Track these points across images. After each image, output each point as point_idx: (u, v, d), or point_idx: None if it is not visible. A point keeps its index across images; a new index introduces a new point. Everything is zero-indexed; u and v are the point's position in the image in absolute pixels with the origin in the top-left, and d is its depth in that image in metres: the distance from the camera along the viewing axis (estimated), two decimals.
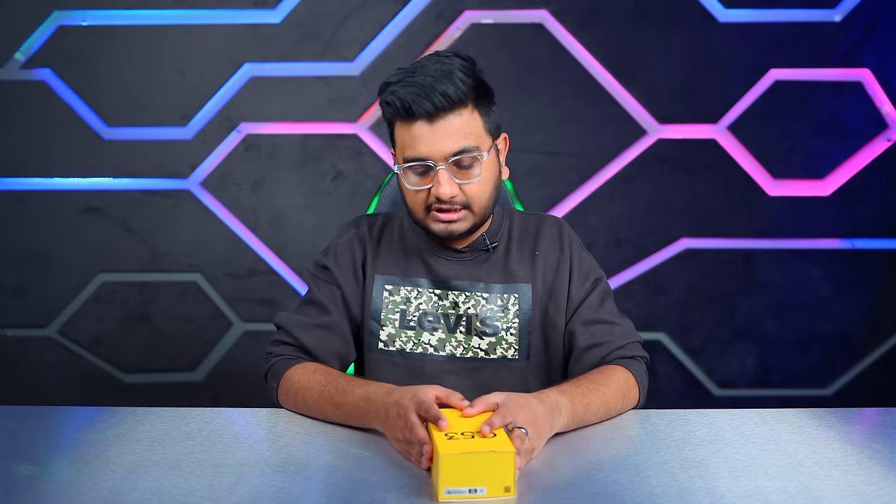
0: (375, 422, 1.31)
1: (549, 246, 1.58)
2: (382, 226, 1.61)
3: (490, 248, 1.55)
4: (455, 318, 1.53)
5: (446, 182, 1.43)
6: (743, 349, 2.96)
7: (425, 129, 1.43)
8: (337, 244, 1.59)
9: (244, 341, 2.95)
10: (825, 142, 2.89)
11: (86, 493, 1.12)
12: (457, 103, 1.42)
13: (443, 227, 1.48)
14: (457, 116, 1.43)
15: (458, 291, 1.54)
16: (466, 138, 1.43)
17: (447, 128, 1.42)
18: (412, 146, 1.44)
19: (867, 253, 2.93)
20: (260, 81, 2.87)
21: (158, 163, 2.89)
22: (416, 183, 1.46)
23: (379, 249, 1.58)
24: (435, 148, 1.42)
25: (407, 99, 1.42)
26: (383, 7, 2.84)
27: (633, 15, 2.85)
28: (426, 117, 1.42)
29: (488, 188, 1.48)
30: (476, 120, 1.46)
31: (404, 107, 1.42)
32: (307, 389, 1.41)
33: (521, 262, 1.56)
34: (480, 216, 1.50)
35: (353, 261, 1.57)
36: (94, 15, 2.83)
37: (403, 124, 1.45)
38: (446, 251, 1.56)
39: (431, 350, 1.53)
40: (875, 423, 1.47)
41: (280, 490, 1.13)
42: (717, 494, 1.11)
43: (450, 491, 1.09)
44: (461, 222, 1.48)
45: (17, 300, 2.93)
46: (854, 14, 2.82)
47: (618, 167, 2.89)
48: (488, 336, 1.53)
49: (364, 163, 2.89)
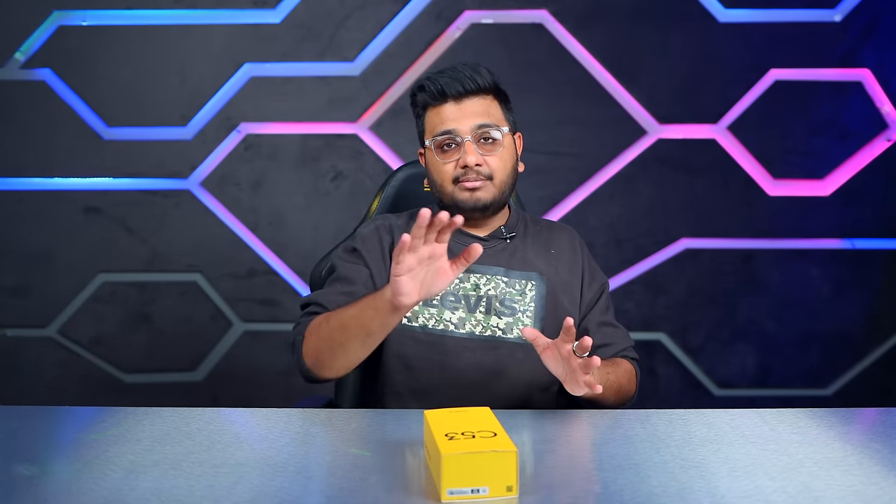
0: (388, 289, 1.34)
1: (563, 248, 1.72)
2: (408, 218, 1.74)
3: (508, 239, 1.68)
4: (475, 299, 1.63)
5: (472, 151, 1.61)
6: (743, 349, 2.96)
7: (454, 108, 1.63)
8: (364, 232, 1.70)
9: (244, 341, 2.95)
10: (825, 142, 2.89)
11: (86, 493, 1.12)
12: (482, 89, 1.64)
13: (468, 195, 1.62)
14: (481, 100, 1.64)
15: (480, 274, 1.64)
16: (489, 117, 1.64)
17: (473, 107, 1.63)
18: (442, 123, 1.63)
19: (867, 253, 2.93)
20: (260, 81, 2.87)
21: (158, 163, 2.89)
22: (444, 157, 1.64)
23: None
24: (462, 123, 1.62)
25: (440, 82, 1.63)
26: (383, 7, 2.84)
27: (633, 15, 2.85)
28: (455, 98, 1.63)
29: (508, 165, 1.65)
30: (497, 108, 1.66)
31: (437, 89, 1.63)
32: (330, 316, 1.49)
33: (537, 255, 1.69)
34: (500, 190, 1.64)
35: (381, 244, 1.67)
36: (94, 15, 2.83)
37: (434, 108, 1.65)
38: (470, 238, 1.67)
39: (452, 327, 1.61)
40: (875, 423, 1.47)
41: (280, 490, 1.13)
42: (717, 494, 1.11)
43: (452, 492, 1.09)
44: (484, 191, 1.62)
45: (17, 300, 2.93)
46: (854, 14, 2.83)
47: (618, 167, 2.89)
48: (506, 316, 1.62)
49: (364, 163, 2.89)
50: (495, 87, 1.67)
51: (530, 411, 1.48)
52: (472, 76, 1.63)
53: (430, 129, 1.66)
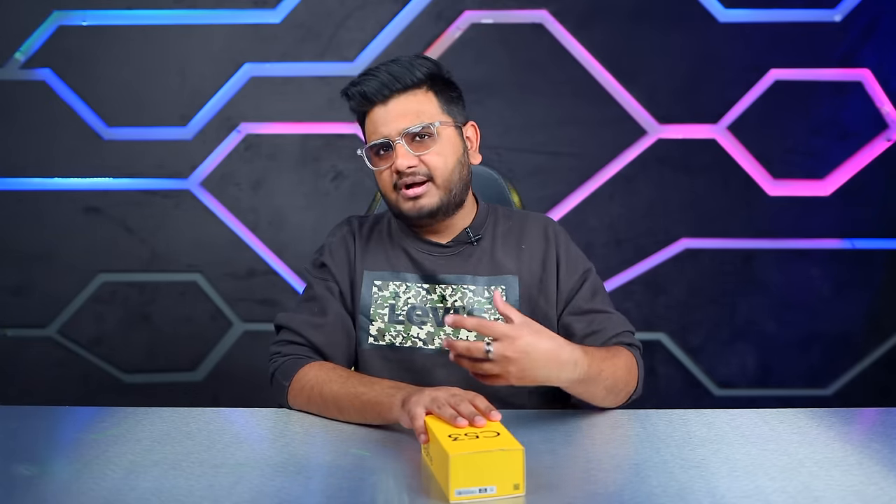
0: (407, 396, 1.28)
1: (534, 240, 1.60)
2: (372, 224, 1.65)
3: (474, 242, 1.58)
4: (443, 312, 1.55)
5: (402, 154, 1.50)
6: (743, 349, 2.96)
7: (381, 111, 1.53)
8: (331, 242, 1.63)
9: (244, 341, 2.95)
10: (825, 142, 2.89)
11: (86, 493, 1.12)
12: (409, 85, 1.52)
13: (411, 204, 1.52)
14: (409, 96, 1.52)
15: (445, 285, 1.56)
16: (420, 117, 1.52)
17: (399, 107, 1.52)
18: (373, 130, 1.54)
19: (867, 253, 2.93)
20: (260, 81, 2.87)
21: (158, 163, 2.89)
22: (380, 164, 1.54)
23: (368, 246, 1.61)
24: (390, 126, 1.51)
25: (363, 84, 1.53)
26: (383, 7, 2.84)
27: (633, 15, 2.85)
28: (381, 100, 1.52)
29: (450, 162, 1.53)
30: (431, 101, 1.54)
31: (359, 92, 1.53)
32: (327, 382, 1.42)
33: (507, 254, 1.58)
34: (445, 189, 1.53)
35: (347, 256, 1.60)
36: (94, 15, 2.83)
37: (367, 115, 1.55)
38: (432, 246, 1.58)
39: (420, 343, 1.54)
40: (875, 423, 1.47)
41: (280, 490, 1.13)
42: (717, 494, 1.11)
43: (460, 492, 1.09)
44: (427, 197, 1.52)
45: (18, 300, 2.93)
46: (854, 14, 2.82)
47: (618, 167, 2.89)
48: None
49: (364, 163, 2.89)
50: (429, 78, 1.54)
51: (530, 411, 1.48)
52: (396, 75, 1.51)
53: (367, 137, 1.56)
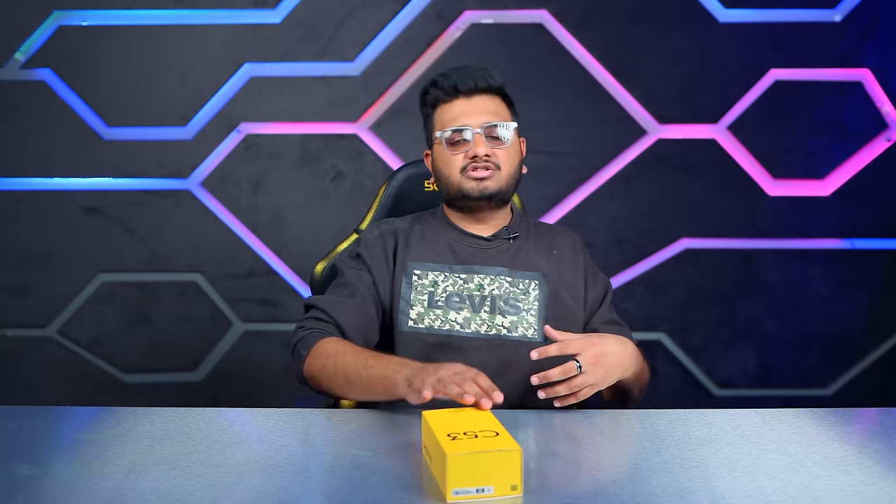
0: (413, 373, 1.38)
1: (564, 250, 1.76)
2: (412, 221, 1.78)
3: (511, 239, 1.72)
4: (480, 299, 1.66)
5: (481, 143, 1.66)
6: (743, 349, 2.96)
7: (465, 103, 1.69)
8: (368, 237, 1.74)
9: (244, 341, 2.95)
10: (825, 142, 2.89)
11: (86, 493, 1.12)
12: (492, 88, 1.70)
13: (475, 184, 1.67)
14: (490, 98, 1.70)
15: (483, 275, 1.68)
16: (498, 116, 1.70)
17: (482, 104, 1.69)
18: (453, 119, 1.69)
19: (867, 253, 2.93)
20: (260, 81, 2.87)
21: (158, 163, 2.89)
22: (454, 150, 1.68)
23: (410, 240, 1.73)
24: (472, 118, 1.68)
25: (453, 78, 1.69)
26: (383, 7, 2.84)
27: (633, 15, 2.85)
28: (466, 94, 1.69)
29: (515, 161, 1.71)
30: (505, 109, 1.72)
31: (450, 84, 1.69)
32: (342, 353, 1.51)
33: (539, 255, 1.73)
34: (507, 181, 1.69)
35: (385, 250, 1.71)
36: (94, 15, 2.83)
37: (445, 104, 1.70)
38: (474, 239, 1.72)
39: (458, 327, 1.65)
40: (875, 423, 1.47)
41: (280, 490, 1.13)
42: (717, 494, 1.11)
43: (458, 492, 1.09)
44: (492, 180, 1.67)
45: (17, 300, 2.93)
46: (854, 14, 2.83)
47: (618, 167, 2.89)
48: (510, 315, 1.65)
49: (364, 163, 2.89)
50: (503, 90, 1.73)
51: (529, 411, 1.49)
52: (483, 75, 1.69)
53: (440, 124, 1.71)
